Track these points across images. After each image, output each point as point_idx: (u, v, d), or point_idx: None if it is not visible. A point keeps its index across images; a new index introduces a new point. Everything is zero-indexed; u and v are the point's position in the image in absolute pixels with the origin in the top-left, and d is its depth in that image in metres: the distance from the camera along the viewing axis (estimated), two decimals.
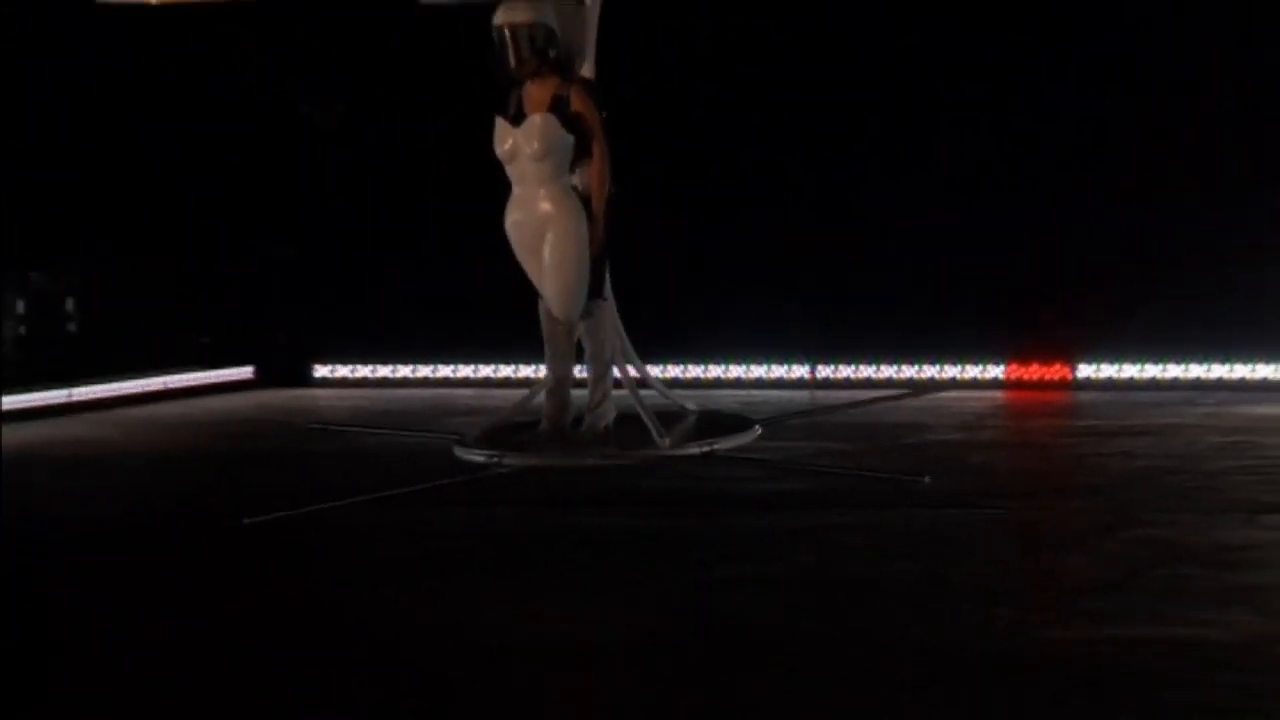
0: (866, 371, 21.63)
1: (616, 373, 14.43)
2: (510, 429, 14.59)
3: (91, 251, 20.88)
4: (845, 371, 21.63)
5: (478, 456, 14.03)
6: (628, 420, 14.13)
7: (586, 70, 14.12)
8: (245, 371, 21.75)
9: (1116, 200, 21.40)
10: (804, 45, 23.04)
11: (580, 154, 13.65)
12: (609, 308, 14.23)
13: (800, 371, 22.29)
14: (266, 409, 20.28)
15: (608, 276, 14.24)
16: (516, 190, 13.83)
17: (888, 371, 21.36)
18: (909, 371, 21.39)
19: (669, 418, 14.42)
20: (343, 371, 22.41)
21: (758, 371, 22.01)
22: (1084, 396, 20.22)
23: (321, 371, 22.26)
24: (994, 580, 12.05)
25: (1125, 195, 21.39)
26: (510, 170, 13.84)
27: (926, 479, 13.82)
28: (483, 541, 13.06)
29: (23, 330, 20.86)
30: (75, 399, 19.31)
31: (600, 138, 13.82)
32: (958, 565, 12.40)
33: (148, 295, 21.81)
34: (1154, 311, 20.25)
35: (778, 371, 22.10)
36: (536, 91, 13.66)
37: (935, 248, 21.18)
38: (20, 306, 20.82)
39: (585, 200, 13.73)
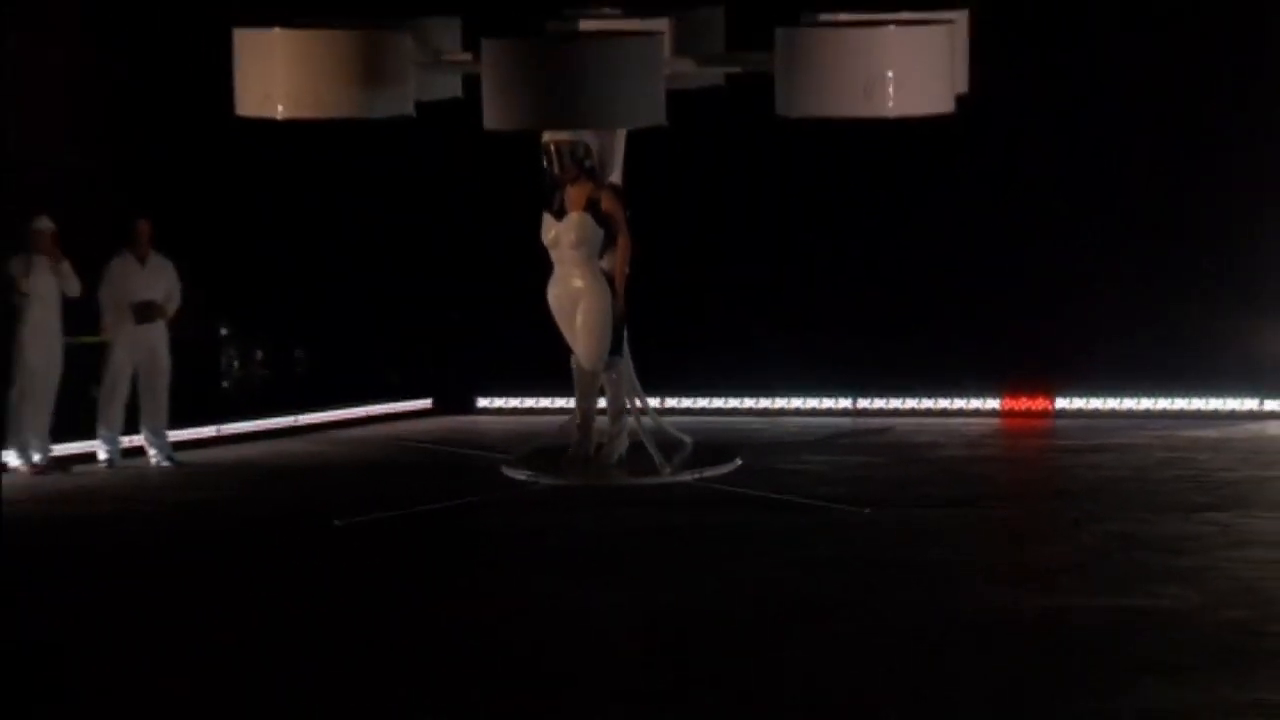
0: (895, 403, 22.30)
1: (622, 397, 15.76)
2: (546, 453, 15.82)
3: (315, 306, 21.26)
4: (880, 403, 22.32)
5: (520, 475, 15.51)
6: (637, 449, 15.45)
7: (615, 177, 15.37)
8: (426, 402, 22.36)
9: (1090, 261, 21.96)
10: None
11: (608, 243, 15.04)
12: (625, 362, 15.51)
13: (841, 403, 22.52)
14: (427, 433, 21.03)
15: (625, 338, 15.50)
16: (557, 269, 15.23)
17: (910, 403, 22.19)
18: (928, 403, 22.30)
19: (669, 448, 15.53)
20: (499, 403, 22.99)
21: (796, 402, 22.53)
22: (1062, 423, 21.30)
23: (483, 402, 22.90)
24: (991, 562, 14.01)
25: (1096, 253, 22.00)
26: (553, 254, 15.18)
27: (867, 510, 14.93)
28: (562, 537, 14.57)
29: (266, 370, 21.40)
30: (300, 423, 20.46)
31: (624, 231, 15.16)
32: (961, 552, 14.34)
33: (355, 341, 22.30)
34: (1114, 357, 21.59)
35: (812, 402, 22.50)
36: (575, 193, 14.93)
37: (944, 304, 22.06)
38: (259, 354, 21.40)
39: (610, 279, 15.19)
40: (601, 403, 15.90)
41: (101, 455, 18.07)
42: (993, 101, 17.69)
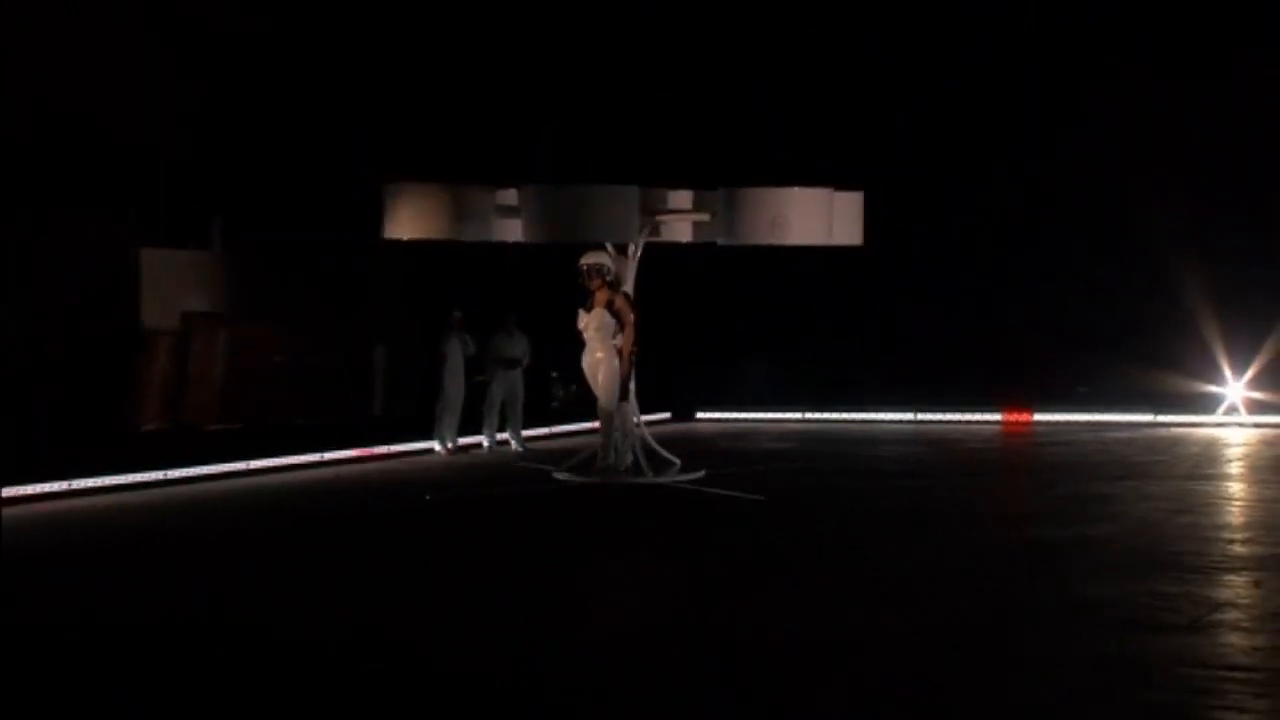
0: (936, 415, 24.04)
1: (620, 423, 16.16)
2: (581, 463, 16.11)
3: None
4: (927, 415, 23.89)
5: (562, 476, 16.05)
6: (637, 461, 15.96)
7: (628, 288, 15.88)
8: (666, 415, 23.87)
9: (1053, 326, 24.51)
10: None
11: (619, 330, 15.53)
12: (628, 405, 15.81)
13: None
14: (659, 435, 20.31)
15: (632, 388, 15.77)
16: (587, 345, 15.69)
17: (946, 416, 24.06)
18: (956, 415, 24.01)
19: (660, 462, 16.11)
20: (714, 414, 24.54)
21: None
22: (1040, 428, 23.32)
23: (701, 415, 24.36)
24: (995, 510, 15.18)
25: (1058, 321, 24.52)
26: (584, 335, 15.62)
27: (762, 498, 14.97)
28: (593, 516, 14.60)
29: (573, 397, 22.71)
30: (579, 429, 21.66)
31: (630, 324, 15.49)
32: (976, 504, 15.66)
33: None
34: (1066, 390, 24.49)
35: (885, 415, 23.57)
36: (599, 297, 15.50)
37: (966, 357, 24.37)
38: (572, 387, 22.42)
39: (619, 352, 15.64)
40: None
41: (484, 445, 20.49)
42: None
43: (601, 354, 15.26)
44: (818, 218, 15.63)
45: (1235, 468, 18.34)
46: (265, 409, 21.07)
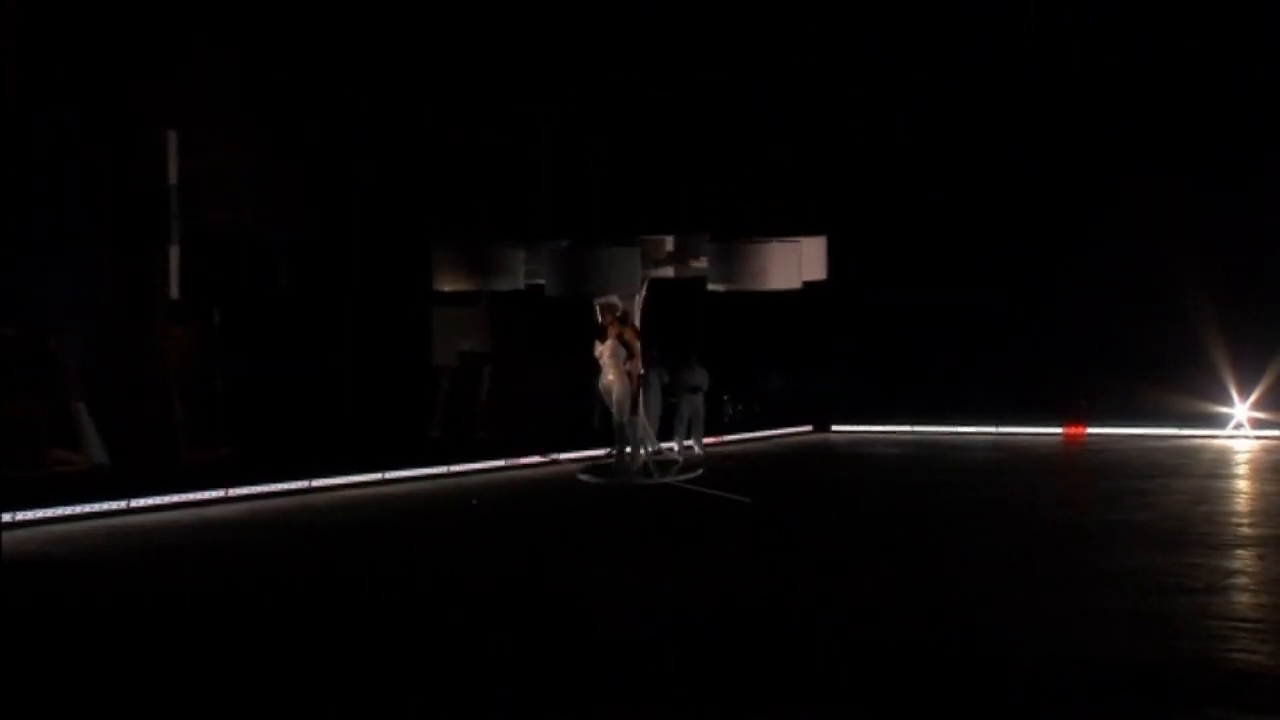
0: (1014, 428, 22.47)
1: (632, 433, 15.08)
2: (601, 467, 14.88)
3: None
4: (1008, 428, 22.41)
5: (587, 478, 14.74)
6: (647, 466, 14.65)
7: (635, 321, 14.69)
8: (808, 427, 22.96)
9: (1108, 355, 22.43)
10: None
11: (629, 356, 14.53)
12: (640, 418, 14.60)
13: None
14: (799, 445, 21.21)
15: (640, 403, 14.58)
16: (602, 370, 14.59)
17: (1021, 429, 22.42)
18: (1029, 428, 22.50)
19: (666, 464, 14.83)
20: (847, 426, 23.03)
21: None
22: (1091, 438, 22.02)
23: (837, 427, 22.98)
24: (1056, 498, 14.84)
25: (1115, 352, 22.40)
26: (600, 361, 14.56)
27: (749, 500, 13.34)
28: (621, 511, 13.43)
29: (740, 415, 22.37)
30: (739, 438, 21.29)
31: (636, 352, 14.47)
32: (1041, 492, 15.24)
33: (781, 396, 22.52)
34: (1113, 409, 22.51)
35: (971, 428, 21.91)
36: (611, 330, 14.54)
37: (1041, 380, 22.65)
38: (740, 407, 22.46)
39: (629, 374, 14.55)
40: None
41: (675, 449, 19.58)
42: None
43: (613, 376, 14.35)
44: (791, 266, 14.30)
45: (1243, 470, 17.55)
46: (519, 422, 21.17)
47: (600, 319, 14.24)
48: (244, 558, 10.92)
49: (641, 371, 14.22)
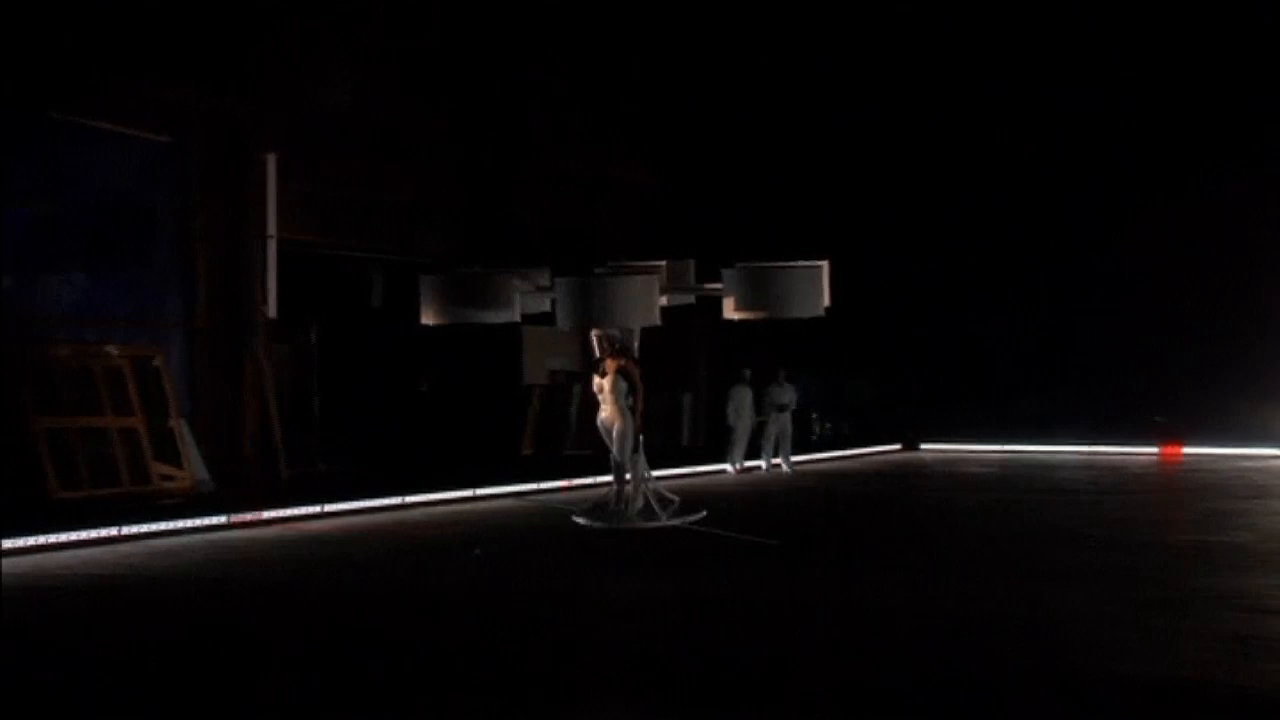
0: (1110, 448, 22.62)
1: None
2: (598, 507, 13.43)
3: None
4: (1102, 448, 22.45)
5: (581, 520, 13.34)
6: (648, 506, 13.34)
7: (634, 352, 13.41)
8: (896, 446, 23.46)
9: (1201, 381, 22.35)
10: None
11: (630, 390, 13.42)
12: (640, 456, 13.32)
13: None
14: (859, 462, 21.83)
15: (641, 442, 13.32)
16: (601, 404, 13.49)
17: (1117, 448, 22.60)
18: (1128, 448, 22.58)
19: (664, 503, 13.44)
20: (936, 445, 23.22)
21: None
22: (1187, 458, 22.16)
23: (926, 445, 23.29)
24: (1155, 517, 14.63)
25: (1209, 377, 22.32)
26: (598, 396, 13.49)
27: (776, 541, 12.24)
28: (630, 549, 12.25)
29: (828, 434, 22.82)
30: (830, 455, 22.00)
31: (639, 384, 13.44)
32: (1141, 512, 14.97)
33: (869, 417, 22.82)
34: (1206, 431, 22.44)
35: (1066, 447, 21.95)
36: (610, 362, 13.50)
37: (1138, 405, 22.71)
38: (827, 425, 23.03)
39: (633, 410, 13.39)
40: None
41: (763, 467, 20.40)
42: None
43: (614, 411, 13.37)
44: (815, 291, 12.98)
45: None
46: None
47: (598, 351, 13.51)
48: (339, 570, 11.11)
49: (643, 407, 13.37)
